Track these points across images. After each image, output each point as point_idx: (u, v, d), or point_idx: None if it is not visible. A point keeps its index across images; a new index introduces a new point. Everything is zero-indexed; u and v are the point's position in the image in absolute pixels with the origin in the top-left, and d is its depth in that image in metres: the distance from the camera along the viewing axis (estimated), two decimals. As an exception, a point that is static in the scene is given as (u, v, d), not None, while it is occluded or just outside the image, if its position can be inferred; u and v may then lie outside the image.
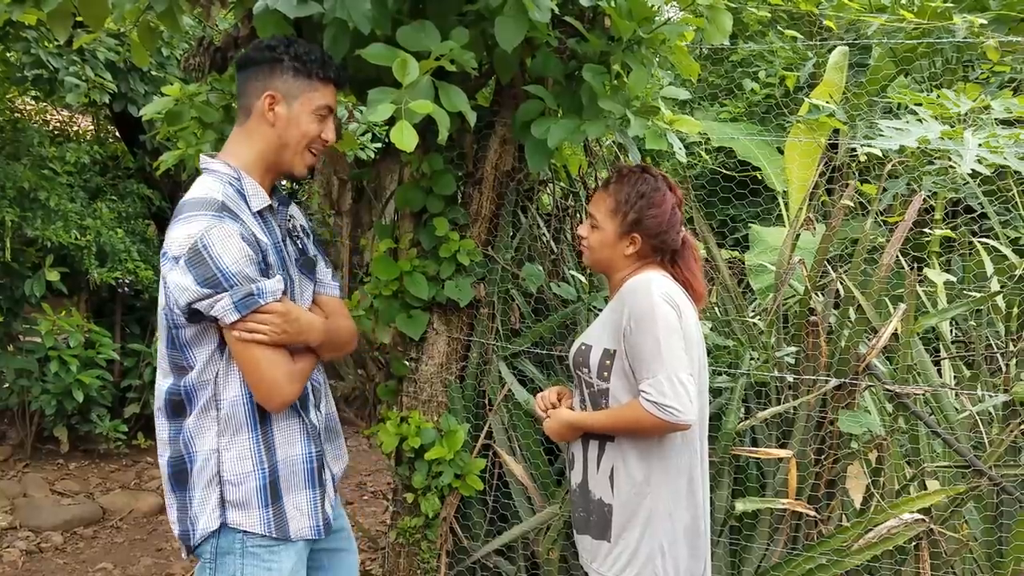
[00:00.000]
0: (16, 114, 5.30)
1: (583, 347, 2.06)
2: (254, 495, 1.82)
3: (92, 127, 5.91)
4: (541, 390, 2.67)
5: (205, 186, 1.79)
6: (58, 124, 5.79)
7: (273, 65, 1.82)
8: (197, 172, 2.63)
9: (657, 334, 1.88)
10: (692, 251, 2.10)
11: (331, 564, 2.10)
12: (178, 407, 1.84)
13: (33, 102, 5.73)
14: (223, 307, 1.70)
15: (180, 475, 1.86)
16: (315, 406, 1.97)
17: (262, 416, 1.83)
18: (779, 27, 6.28)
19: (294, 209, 2.04)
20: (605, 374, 1.99)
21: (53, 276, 4.78)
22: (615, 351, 1.97)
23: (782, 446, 2.45)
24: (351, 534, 2.19)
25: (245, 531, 1.82)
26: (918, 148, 3.00)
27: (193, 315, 1.74)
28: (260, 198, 1.84)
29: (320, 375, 2.05)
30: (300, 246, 2.00)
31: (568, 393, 2.19)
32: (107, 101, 4.87)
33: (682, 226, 2.08)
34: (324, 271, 2.08)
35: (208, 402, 1.81)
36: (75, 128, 5.85)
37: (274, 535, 1.84)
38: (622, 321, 1.94)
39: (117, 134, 5.84)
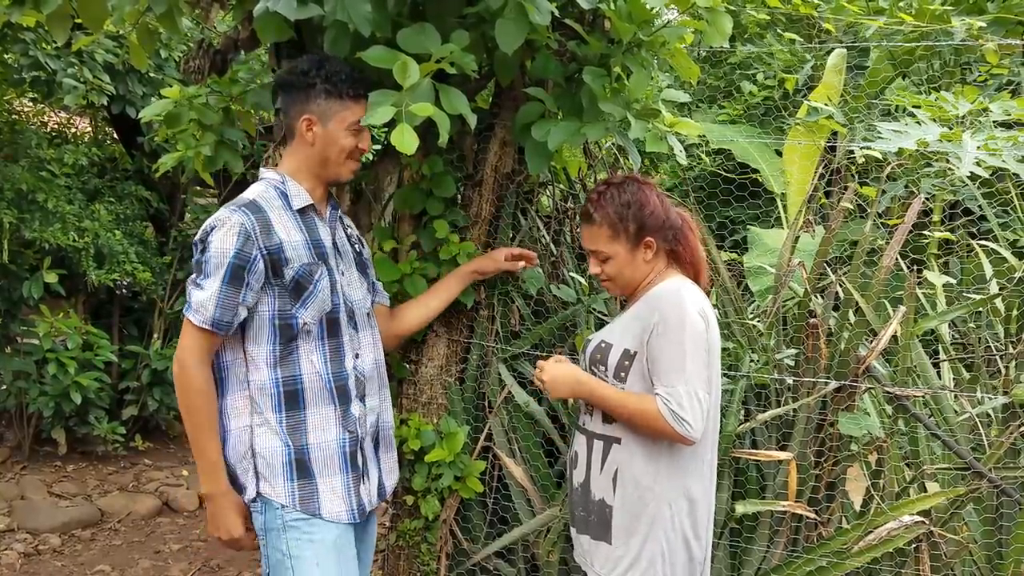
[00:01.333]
0: (14, 116, 5.30)
1: (603, 344, 2.04)
2: (280, 469, 1.98)
3: (90, 129, 5.91)
4: (541, 392, 2.67)
5: (249, 189, 2.04)
6: (56, 126, 5.78)
7: (308, 90, 2.00)
8: (196, 174, 2.68)
9: (684, 346, 1.87)
10: (688, 223, 2.10)
11: None
12: (218, 384, 2.02)
13: (31, 104, 5.73)
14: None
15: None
16: (359, 398, 2.09)
17: (291, 402, 1.99)
18: (777, 29, 6.28)
19: (348, 219, 2.28)
20: (623, 374, 1.98)
21: (51, 278, 4.77)
22: (636, 353, 1.96)
23: (782, 448, 2.45)
24: (373, 547, 2.30)
25: (272, 500, 1.98)
26: (917, 150, 3.00)
27: None
28: (302, 198, 2.04)
29: (374, 372, 2.16)
30: (357, 249, 2.22)
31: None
32: (105, 103, 4.86)
33: (672, 206, 2.08)
34: (377, 281, 2.34)
35: (240, 381, 2.00)
36: (73, 130, 5.84)
37: (298, 508, 1.98)
38: (649, 325, 1.93)
39: (115, 136, 5.83)
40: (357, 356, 2.10)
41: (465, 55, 1.92)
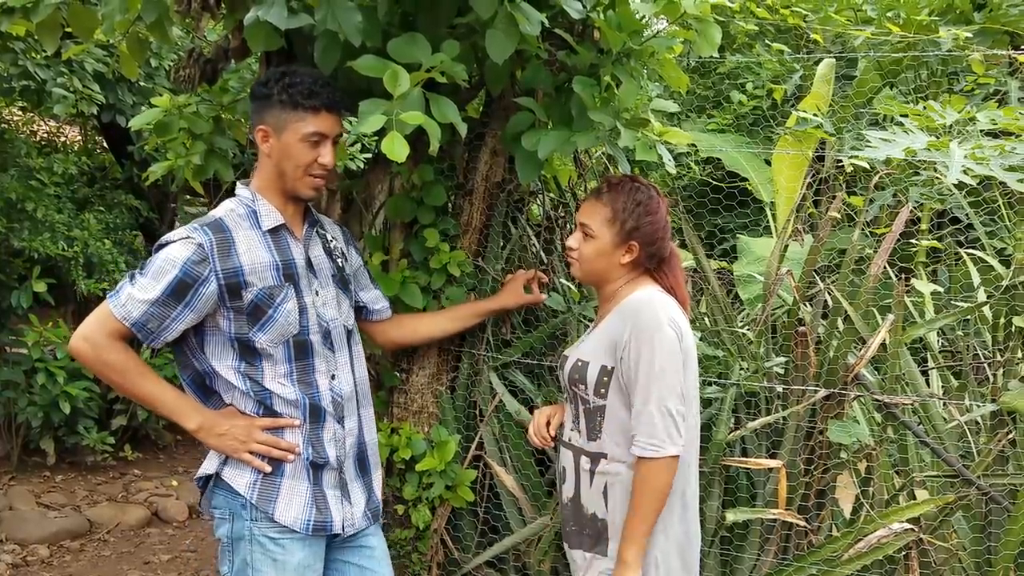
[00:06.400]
0: (3, 125, 5.28)
1: (579, 363, 2.04)
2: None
3: (80, 138, 5.90)
4: (531, 401, 2.67)
5: (220, 206, 2.02)
6: (46, 135, 5.77)
7: (266, 101, 1.96)
8: (187, 183, 2.67)
9: (654, 360, 1.88)
10: (677, 260, 2.12)
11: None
12: (205, 389, 2.04)
13: (21, 113, 5.72)
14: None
15: None
16: (336, 420, 2.06)
17: (269, 413, 1.98)
18: (766, 40, 6.32)
19: (336, 231, 2.24)
20: (603, 391, 1.99)
21: (40, 287, 4.75)
22: (612, 368, 1.97)
23: (772, 456, 2.46)
24: (385, 555, 2.21)
25: (232, 486, 1.96)
26: (904, 159, 3.02)
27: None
28: (272, 217, 2.00)
29: (353, 393, 2.13)
30: (339, 264, 2.17)
31: (559, 410, 2.20)
32: (95, 112, 4.85)
33: (670, 238, 2.09)
34: (377, 297, 2.34)
35: (227, 390, 2.00)
36: (63, 139, 5.84)
37: (253, 502, 1.95)
38: (622, 340, 1.94)
39: (105, 145, 5.82)
40: (333, 377, 2.07)
41: (455, 64, 1.93)
